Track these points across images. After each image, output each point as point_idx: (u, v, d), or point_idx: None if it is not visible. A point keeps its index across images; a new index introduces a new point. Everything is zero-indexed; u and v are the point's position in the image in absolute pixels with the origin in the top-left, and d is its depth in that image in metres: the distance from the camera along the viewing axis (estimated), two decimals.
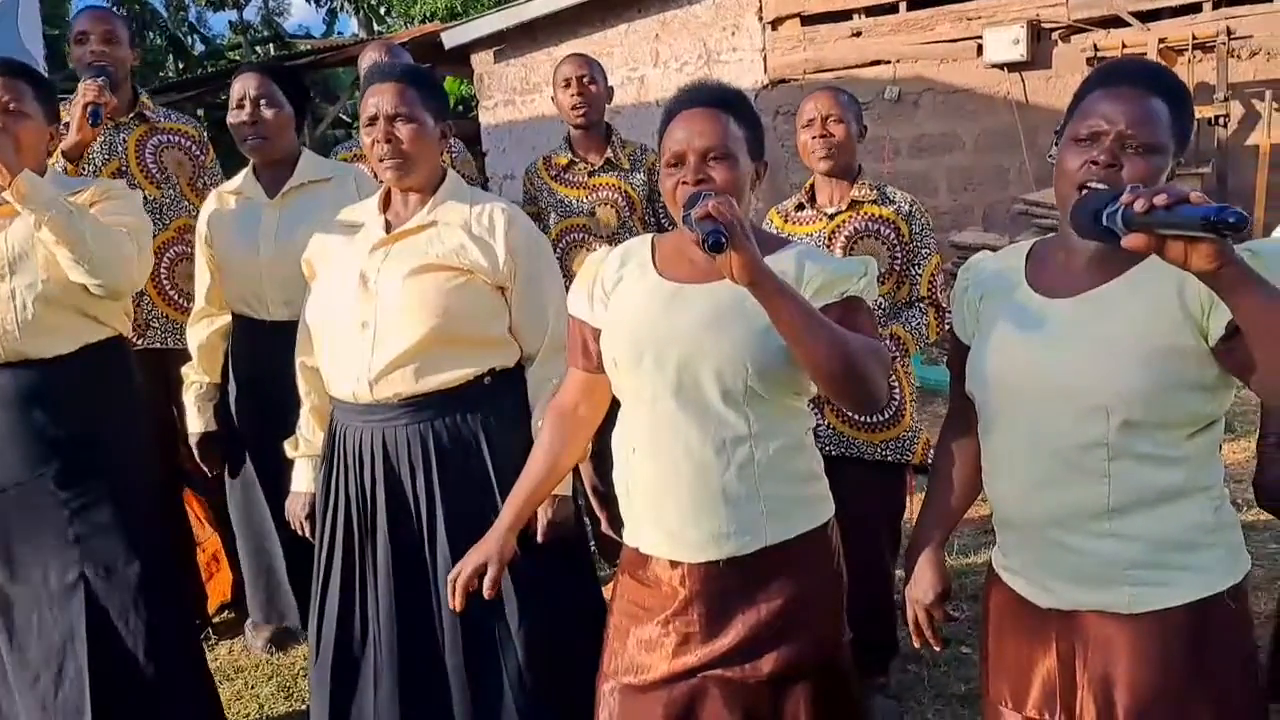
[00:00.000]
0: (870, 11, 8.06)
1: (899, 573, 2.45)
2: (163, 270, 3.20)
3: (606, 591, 2.10)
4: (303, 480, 2.37)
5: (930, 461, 1.86)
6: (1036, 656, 1.54)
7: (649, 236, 1.85)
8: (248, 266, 2.80)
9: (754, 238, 1.66)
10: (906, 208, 2.70)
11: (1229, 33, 6.77)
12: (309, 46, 15.59)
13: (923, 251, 2.71)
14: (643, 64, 8.83)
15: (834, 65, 8.18)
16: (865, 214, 2.68)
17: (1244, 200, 6.70)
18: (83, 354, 2.37)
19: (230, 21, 23.16)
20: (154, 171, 3.22)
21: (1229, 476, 4.15)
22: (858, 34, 8.11)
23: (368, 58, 3.36)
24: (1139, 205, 1.16)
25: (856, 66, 8.11)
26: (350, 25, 23.76)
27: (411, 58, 3.22)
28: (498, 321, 2.13)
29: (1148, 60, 1.57)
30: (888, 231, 2.67)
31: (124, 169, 3.18)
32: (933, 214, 8.27)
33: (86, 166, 3.10)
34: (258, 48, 21.18)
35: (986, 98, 7.74)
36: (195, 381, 2.95)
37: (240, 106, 2.79)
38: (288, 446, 2.37)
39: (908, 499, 2.80)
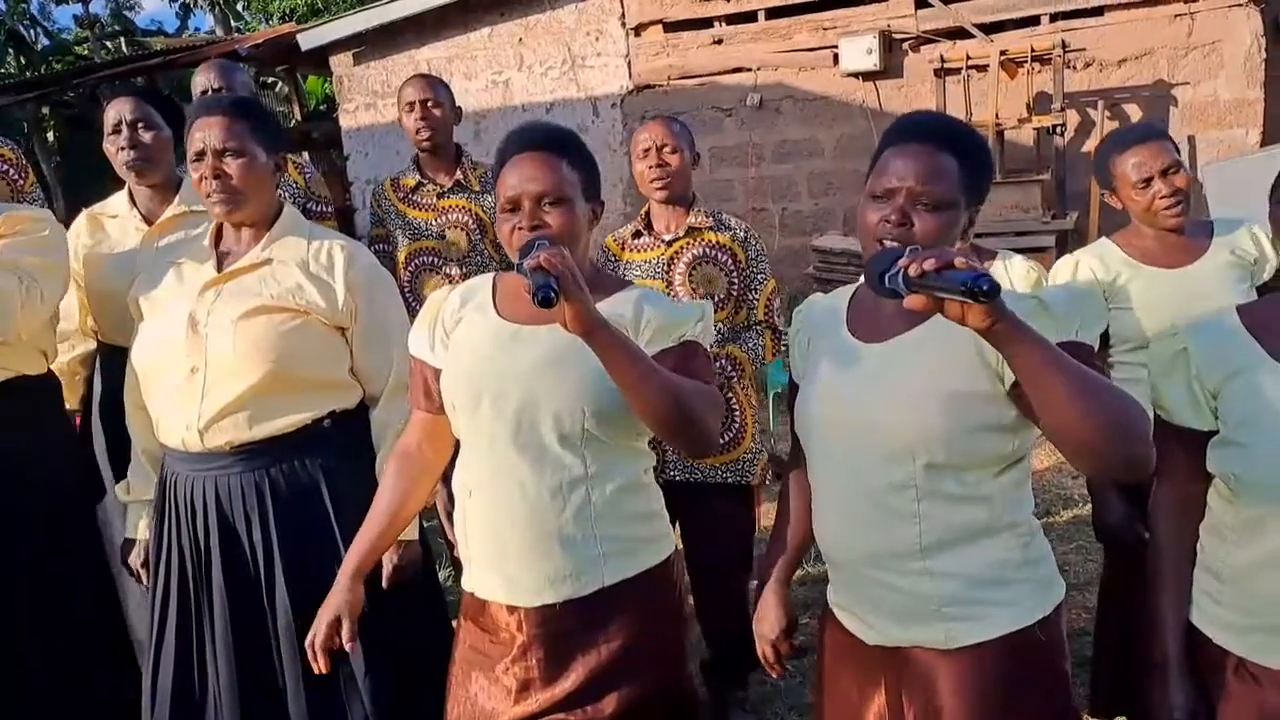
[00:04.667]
0: (731, 20, 8.20)
1: (754, 584, 2.52)
2: None
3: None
4: (136, 527, 2.27)
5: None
6: (868, 693, 1.58)
7: (490, 275, 1.84)
8: (122, 295, 2.66)
9: (595, 280, 1.68)
10: (742, 234, 2.77)
11: (1064, 45, 7.14)
12: (162, 45, 14.91)
13: (759, 276, 2.77)
14: (507, 67, 8.77)
15: (697, 72, 8.28)
16: (703, 240, 2.73)
17: (1081, 204, 7.10)
18: None
19: (76, 15, 21.89)
20: None
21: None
22: (719, 41, 8.24)
23: (199, 80, 3.22)
24: (912, 270, 1.22)
25: (719, 73, 8.24)
26: (206, 21, 22.83)
27: (266, 59, 3.12)
28: (338, 363, 2.08)
29: (942, 116, 1.62)
30: (725, 258, 2.72)
31: None
32: (795, 218, 8.55)
33: None
34: (107, 43, 20.15)
35: (844, 105, 7.96)
36: None
37: (117, 132, 2.66)
38: (119, 491, 2.27)
39: (757, 516, 2.87)
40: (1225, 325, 1.55)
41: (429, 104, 3.22)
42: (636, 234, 2.80)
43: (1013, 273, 2.49)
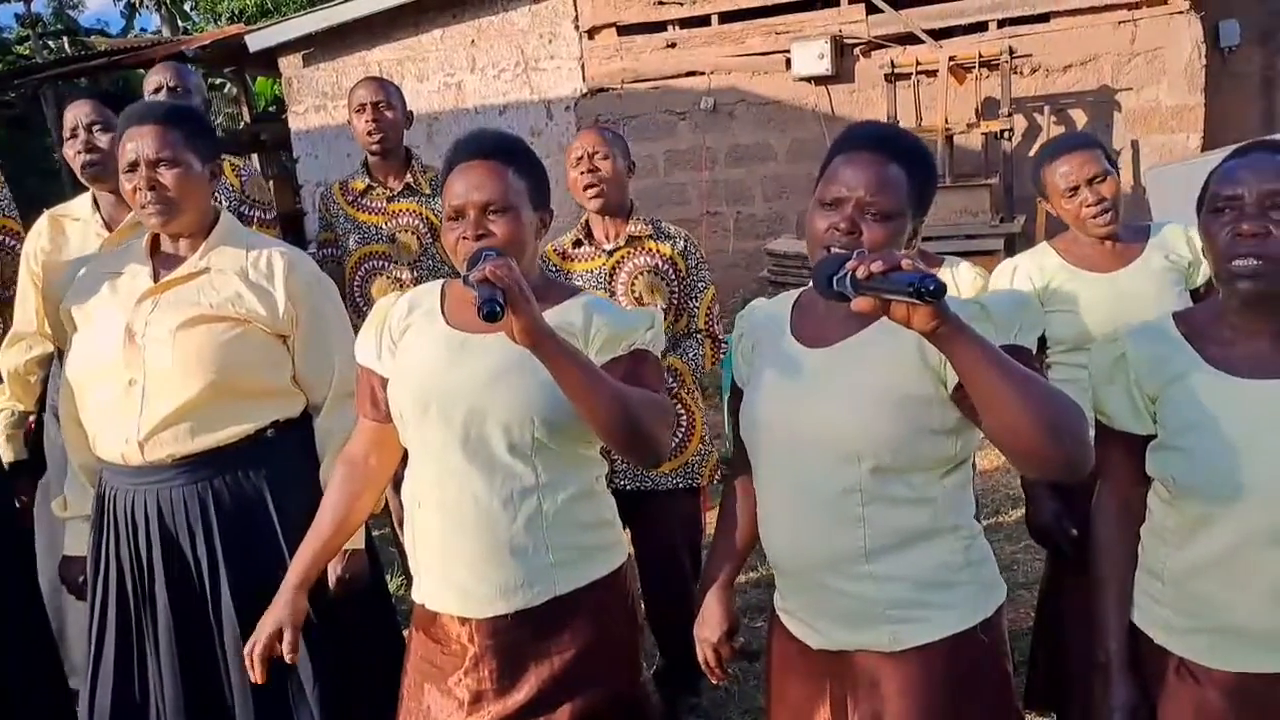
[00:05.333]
0: (684, 23, 8.21)
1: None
2: None
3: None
4: (76, 544, 2.21)
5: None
6: (815, 697, 1.59)
7: (439, 283, 1.82)
8: None
9: (545, 288, 1.68)
10: (682, 243, 2.79)
11: (1011, 51, 7.24)
12: (106, 46, 14.62)
13: (699, 285, 2.80)
14: (460, 70, 8.70)
15: (650, 75, 8.29)
16: (644, 250, 2.75)
17: (1028, 208, 7.20)
18: None
19: (17, 14, 21.37)
20: None
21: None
22: (672, 45, 8.25)
23: (153, 79, 3.16)
24: (860, 272, 1.23)
25: (672, 77, 8.24)
26: (152, 21, 22.43)
27: (213, 60, 3.07)
28: (280, 371, 2.05)
29: (890, 126, 1.65)
30: (666, 267, 2.74)
31: None
32: (749, 221, 8.59)
33: None
34: (49, 43, 19.71)
35: (796, 109, 8.01)
36: (4, 409, 2.71)
37: (74, 136, 2.63)
38: (55, 507, 2.22)
39: (703, 519, 2.88)
40: (1162, 331, 1.58)
41: (380, 106, 3.20)
42: (577, 243, 2.81)
43: (960, 280, 2.53)
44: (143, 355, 1.94)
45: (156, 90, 3.13)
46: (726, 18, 8.06)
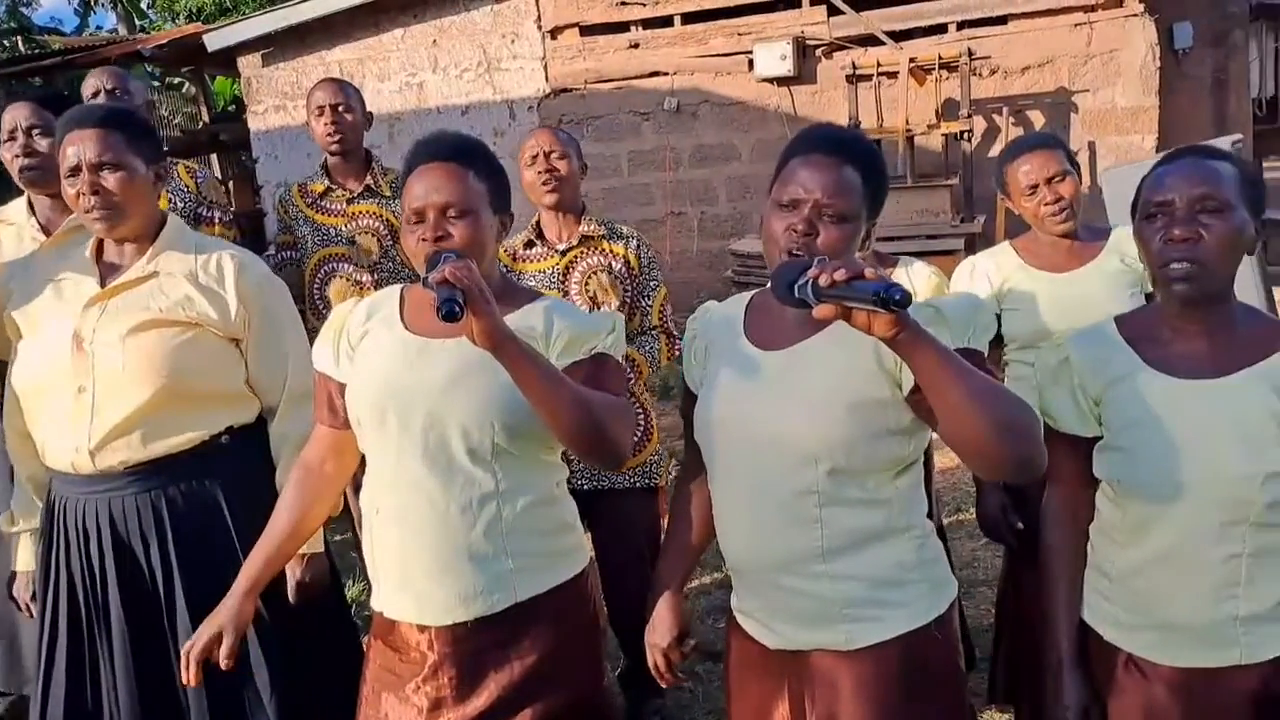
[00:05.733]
0: (647, 24, 8.21)
1: None
2: None
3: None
4: (23, 559, 2.17)
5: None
6: (772, 696, 1.60)
7: (398, 288, 1.80)
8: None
9: (505, 291, 1.68)
10: (635, 243, 2.80)
11: (971, 53, 7.32)
12: (61, 45, 14.36)
13: (651, 283, 2.82)
14: (421, 69, 8.65)
15: (614, 75, 8.28)
16: (598, 249, 2.75)
17: (988, 208, 7.28)
18: None
19: None
20: None
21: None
22: (635, 45, 8.25)
23: (90, 83, 3.11)
24: (823, 279, 1.24)
25: (636, 77, 8.25)
26: (108, 19, 22.07)
27: (170, 59, 3.02)
28: (232, 376, 2.02)
29: (843, 129, 1.66)
30: (619, 266, 2.75)
31: None
32: (713, 221, 8.60)
33: None
34: (2, 41, 19.34)
35: (760, 110, 8.04)
36: None
37: (13, 139, 2.57)
38: (2, 522, 2.17)
39: (663, 519, 2.88)
40: (1104, 334, 1.61)
41: (339, 108, 3.17)
42: (529, 244, 2.79)
43: (915, 279, 2.55)
44: (92, 362, 1.91)
45: (95, 95, 3.08)
46: (689, 18, 8.09)
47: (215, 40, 8.80)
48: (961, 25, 7.54)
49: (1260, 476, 1.43)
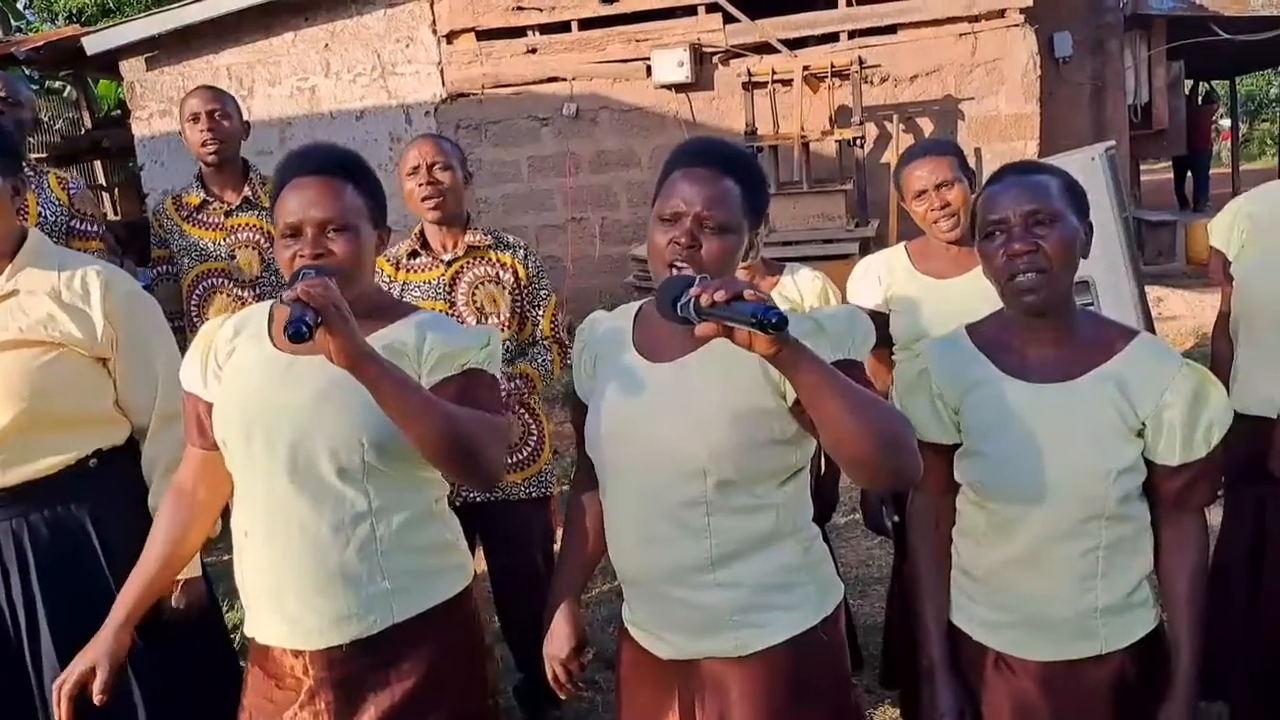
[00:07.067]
0: (545, 29, 8.19)
1: None
2: None
3: None
4: None
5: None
6: (663, 706, 1.60)
7: (269, 304, 1.75)
8: None
9: (378, 306, 1.65)
10: (522, 252, 2.76)
11: (861, 61, 7.49)
12: None
13: (541, 293, 2.78)
14: (314, 74, 8.46)
15: (512, 81, 8.24)
16: (484, 259, 2.71)
17: (881, 212, 7.46)
18: None
19: None
20: None
21: None
22: (533, 50, 8.22)
23: None
24: (704, 299, 1.25)
25: (534, 83, 8.22)
26: None
27: (48, 62, 2.88)
28: (100, 397, 1.95)
29: (720, 141, 1.68)
30: (507, 276, 2.71)
31: None
32: (615, 227, 8.60)
33: None
34: None
35: (658, 116, 8.10)
36: None
37: None
38: None
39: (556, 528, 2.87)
40: (957, 344, 1.67)
41: (215, 115, 3.06)
42: (413, 254, 2.73)
43: (801, 285, 2.59)
44: None
45: None
46: (586, 24, 8.10)
47: (95, 43, 8.45)
48: (853, 34, 7.72)
49: (1112, 473, 1.51)
